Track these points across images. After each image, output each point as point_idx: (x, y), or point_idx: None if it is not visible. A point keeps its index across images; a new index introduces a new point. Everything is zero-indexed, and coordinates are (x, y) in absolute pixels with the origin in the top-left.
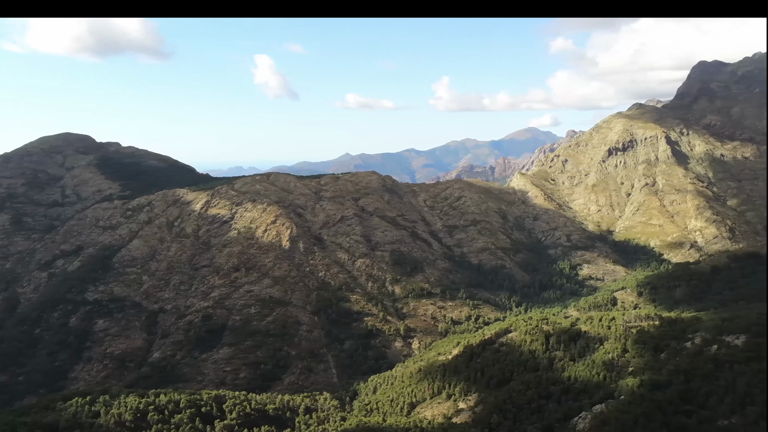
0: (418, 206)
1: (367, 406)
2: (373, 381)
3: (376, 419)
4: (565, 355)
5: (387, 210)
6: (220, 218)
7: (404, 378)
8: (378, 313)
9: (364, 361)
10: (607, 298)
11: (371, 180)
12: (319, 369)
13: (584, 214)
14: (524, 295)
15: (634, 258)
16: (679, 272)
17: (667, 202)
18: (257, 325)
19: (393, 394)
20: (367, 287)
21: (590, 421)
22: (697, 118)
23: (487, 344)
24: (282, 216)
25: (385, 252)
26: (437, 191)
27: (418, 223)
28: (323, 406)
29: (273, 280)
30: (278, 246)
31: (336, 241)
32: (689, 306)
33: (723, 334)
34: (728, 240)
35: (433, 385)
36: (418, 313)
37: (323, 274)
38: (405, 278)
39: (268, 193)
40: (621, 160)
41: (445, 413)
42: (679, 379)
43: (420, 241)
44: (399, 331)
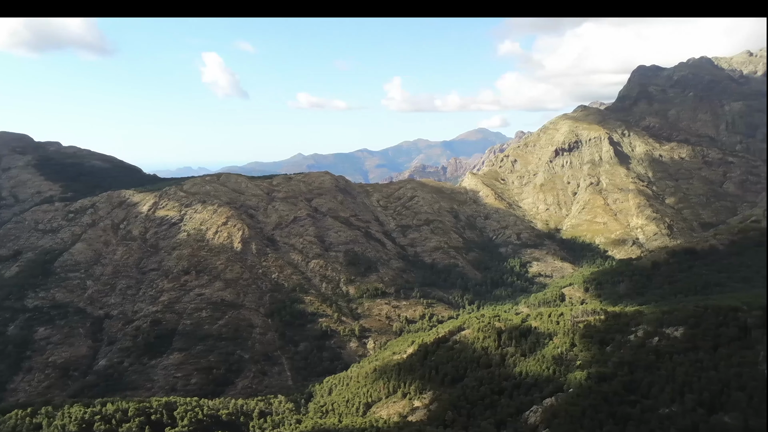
0: (372, 206)
1: (323, 408)
2: (328, 382)
3: (332, 420)
4: (516, 351)
5: (340, 210)
6: (168, 220)
7: (360, 378)
8: (333, 314)
9: (319, 362)
10: (556, 295)
11: (324, 180)
12: (273, 372)
13: (533, 213)
14: (477, 293)
15: (580, 255)
16: (623, 268)
17: (611, 200)
18: (209, 329)
19: (348, 394)
20: (321, 288)
21: (541, 415)
22: (637, 120)
23: (441, 342)
24: (233, 217)
25: (339, 252)
26: (390, 191)
27: (371, 223)
28: (278, 410)
29: (225, 283)
30: (230, 248)
31: (289, 242)
32: (632, 300)
33: (663, 326)
34: (667, 237)
35: (388, 385)
36: (372, 313)
37: (276, 275)
38: (359, 278)
39: (219, 194)
40: (567, 160)
41: (400, 412)
42: (624, 371)
43: (374, 241)
44: (354, 331)
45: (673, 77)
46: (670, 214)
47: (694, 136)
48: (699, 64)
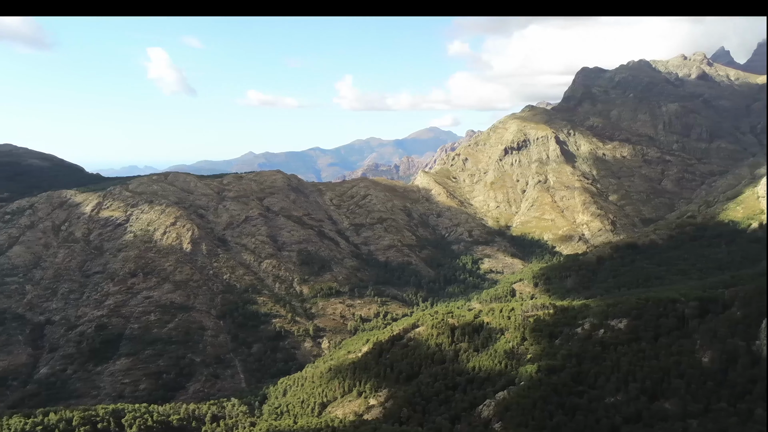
0: (325, 205)
1: (278, 410)
2: (282, 383)
3: (287, 422)
4: (469, 347)
5: (293, 209)
6: (113, 221)
7: (314, 378)
8: (286, 315)
9: (273, 363)
10: (507, 290)
11: (276, 179)
12: (226, 375)
13: (484, 211)
14: (430, 290)
15: (530, 251)
16: (570, 263)
17: (558, 198)
18: (158, 333)
19: (303, 395)
20: (274, 288)
21: (494, 408)
22: (581, 120)
23: (395, 340)
24: (182, 217)
25: (292, 252)
26: (343, 190)
27: (325, 222)
28: (231, 413)
29: (174, 285)
30: (179, 249)
31: (241, 242)
32: (579, 294)
33: (608, 318)
34: (610, 232)
35: (343, 384)
36: (327, 313)
37: (228, 276)
38: (313, 278)
39: (167, 194)
40: (516, 159)
41: (356, 411)
42: (572, 363)
43: (327, 240)
44: (308, 331)
45: (615, 79)
46: (614, 210)
47: (635, 135)
48: (638, 66)
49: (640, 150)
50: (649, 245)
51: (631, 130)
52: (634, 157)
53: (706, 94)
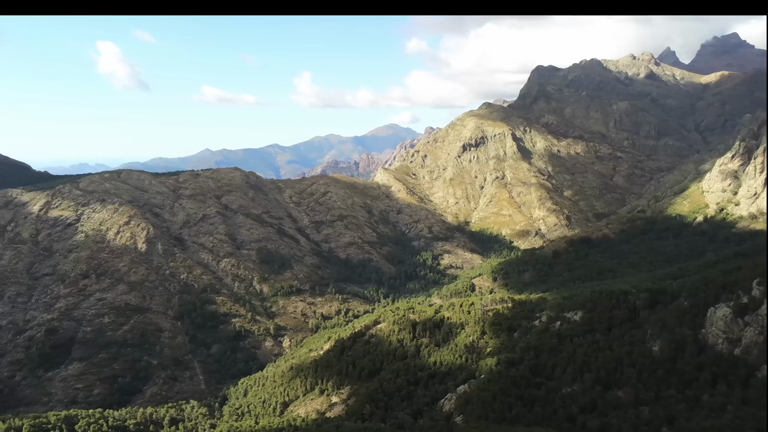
0: (284, 202)
1: (238, 410)
2: (243, 384)
3: (248, 423)
4: (430, 342)
5: (252, 207)
6: (63, 221)
7: (276, 378)
8: (246, 314)
9: (233, 364)
10: (467, 285)
11: (234, 176)
12: (184, 377)
13: (444, 207)
14: (391, 287)
15: (488, 246)
16: (527, 258)
17: (515, 194)
18: (112, 336)
19: (265, 395)
20: (233, 288)
21: (455, 402)
22: (537, 117)
23: (357, 337)
24: (137, 216)
25: (251, 250)
26: (303, 187)
27: (284, 219)
28: (191, 416)
29: (129, 286)
30: (133, 249)
31: (198, 241)
32: (536, 288)
33: (564, 311)
34: (566, 227)
35: (305, 382)
36: (287, 311)
37: (185, 276)
38: (273, 276)
39: (120, 192)
40: (474, 156)
41: (318, 409)
42: (530, 355)
43: (287, 238)
44: (269, 330)
45: (568, 77)
46: (568, 205)
47: (588, 132)
48: (590, 65)
49: (593, 147)
50: (602, 239)
51: (584, 128)
52: (587, 154)
53: (653, 93)
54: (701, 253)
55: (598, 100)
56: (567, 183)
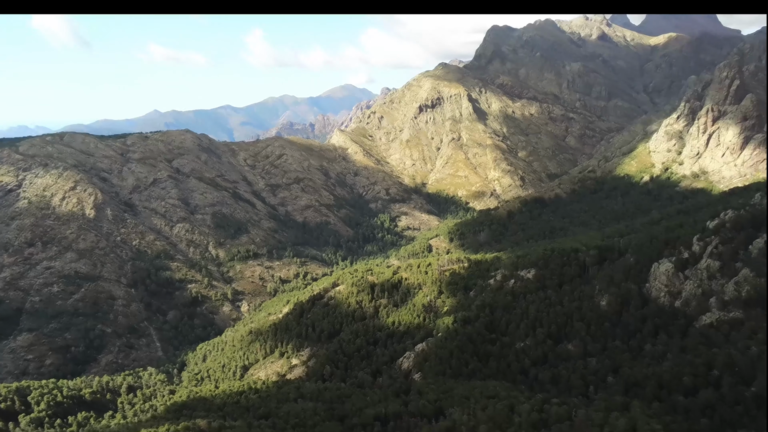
0: (239, 166)
1: (197, 376)
2: (202, 349)
3: (208, 387)
4: (389, 303)
5: (205, 171)
6: (3, 187)
7: (235, 342)
8: (202, 280)
9: (190, 330)
10: (424, 246)
11: (185, 139)
12: (140, 344)
13: (401, 169)
14: (349, 249)
15: (445, 208)
16: (482, 218)
17: (471, 155)
18: (62, 305)
19: (224, 359)
20: (188, 253)
21: (413, 360)
22: (492, 78)
23: (316, 299)
24: (83, 181)
25: (205, 215)
26: (258, 150)
27: (239, 183)
28: (149, 383)
29: (78, 254)
30: (81, 215)
31: (150, 206)
32: (491, 247)
33: (518, 269)
34: (520, 187)
35: (265, 346)
36: (245, 276)
37: (138, 242)
38: (229, 241)
39: (64, 156)
40: (431, 117)
41: (279, 371)
42: (485, 313)
43: (243, 202)
44: (226, 295)
45: (523, 38)
46: (522, 166)
47: (541, 93)
48: (544, 26)
49: (547, 108)
50: (555, 199)
51: (538, 89)
52: (540, 115)
53: (605, 55)
54: (647, 211)
55: (551, 62)
56: (521, 144)
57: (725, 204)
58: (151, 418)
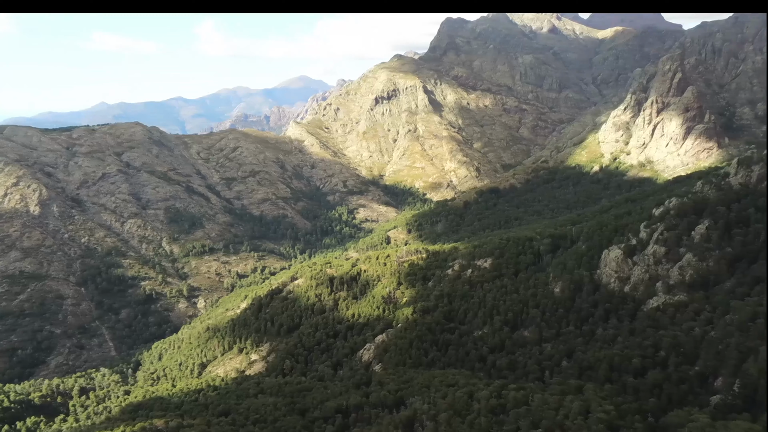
0: (192, 159)
1: (153, 375)
2: (157, 348)
3: (165, 386)
4: (348, 295)
5: (157, 164)
6: None
7: (192, 339)
8: (156, 276)
9: (145, 328)
10: (382, 238)
11: (135, 132)
12: (92, 345)
13: (358, 161)
14: (307, 242)
15: (403, 199)
16: (439, 209)
17: (427, 146)
18: (7, 306)
19: (181, 357)
20: (141, 250)
21: (373, 351)
22: (447, 70)
23: (274, 294)
24: (26, 177)
25: (158, 210)
26: (211, 142)
27: (193, 176)
28: (102, 383)
29: (23, 252)
30: (25, 212)
31: (99, 201)
32: (449, 238)
33: (475, 258)
34: (475, 178)
35: (223, 342)
36: (201, 271)
37: (87, 239)
38: (184, 236)
39: (5, 151)
40: (387, 109)
41: (238, 367)
42: (444, 302)
43: (197, 196)
44: (182, 292)
45: (476, 30)
46: (478, 157)
47: (495, 85)
48: (497, 18)
49: (500, 99)
50: (509, 189)
51: (492, 80)
52: (495, 106)
53: (555, 47)
54: (597, 199)
55: (504, 54)
56: (476, 135)
57: (669, 192)
58: (105, 420)
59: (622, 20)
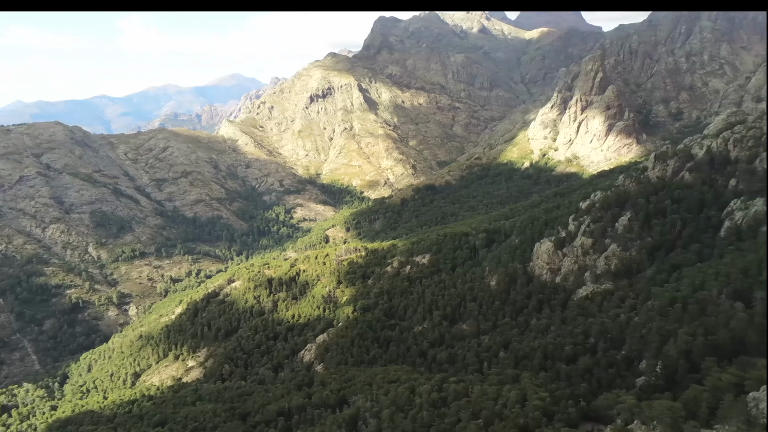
0: (119, 160)
1: (83, 388)
2: (86, 359)
3: (96, 399)
4: (288, 296)
5: (80, 166)
6: None
7: (124, 348)
8: (83, 284)
9: (72, 339)
10: (321, 237)
11: (55, 132)
12: (13, 359)
13: (294, 160)
14: (244, 244)
15: (340, 198)
16: (377, 207)
17: (364, 144)
18: None
19: (112, 367)
20: (65, 256)
21: (314, 351)
22: (381, 68)
23: (211, 297)
24: None
25: (83, 214)
26: (140, 142)
27: (120, 178)
28: (25, 400)
29: None
30: None
31: (16, 206)
32: (387, 235)
33: (413, 255)
34: (412, 176)
35: (157, 349)
36: (132, 277)
37: (4, 247)
38: (112, 241)
39: None
40: (322, 107)
41: (174, 375)
42: (384, 299)
43: (125, 198)
44: (111, 299)
45: (409, 29)
46: (413, 155)
47: (429, 84)
48: (429, 18)
49: (434, 98)
50: (445, 186)
51: (426, 79)
52: (429, 104)
53: (486, 47)
54: (528, 194)
55: (437, 52)
56: (412, 133)
57: (594, 186)
58: None
59: (547, 21)
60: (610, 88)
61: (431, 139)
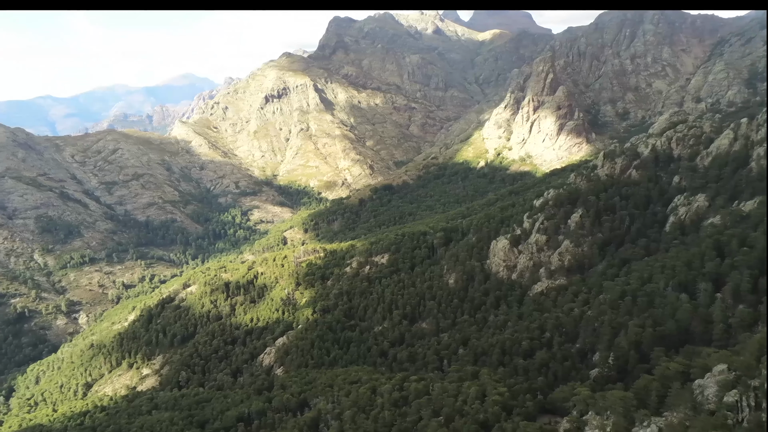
0: (65, 162)
1: (30, 401)
2: (33, 370)
3: (45, 412)
4: (245, 299)
5: (24, 169)
6: None
7: (74, 358)
8: (29, 292)
9: (17, 350)
10: (278, 239)
11: None
12: None
13: (250, 161)
14: (199, 247)
15: (298, 199)
16: (335, 208)
17: (321, 145)
18: None
19: (62, 378)
20: (9, 264)
21: (274, 354)
22: (337, 69)
23: (166, 303)
24: None
25: (27, 219)
26: (87, 144)
27: (67, 182)
28: None
29: None
30: None
31: None
32: (345, 236)
33: (372, 255)
34: (369, 176)
35: (110, 358)
36: (81, 284)
37: None
38: (59, 247)
39: None
40: (278, 107)
41: (128, 384)
42: (343, 300)
43: (73, 203)
44: (60, 307)
45: (364, 29)
46: (371, 155)
47: (385, 84)
48: (383, 18)
49: (390, 98)
50: (402, 185)
51: (382, 79)
52: (385, 105)
53: (440, 48)
54: (484, 193)
55: (392, 53)
56: (368, 133)
57: (547, 184)
58: None
59: (499, 23)
60: (561, 89)
61: (388, 139)
